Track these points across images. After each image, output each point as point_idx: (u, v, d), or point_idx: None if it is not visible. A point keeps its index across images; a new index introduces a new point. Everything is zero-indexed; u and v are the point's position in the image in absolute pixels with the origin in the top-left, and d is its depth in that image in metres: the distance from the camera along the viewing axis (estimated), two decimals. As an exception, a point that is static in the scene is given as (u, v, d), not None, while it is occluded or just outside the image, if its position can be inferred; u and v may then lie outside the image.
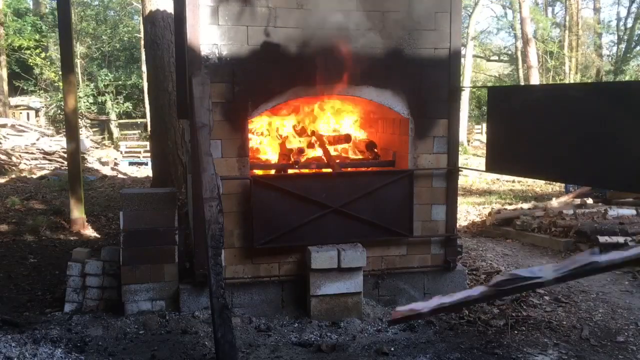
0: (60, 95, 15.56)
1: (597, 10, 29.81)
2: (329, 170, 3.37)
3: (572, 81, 27.32)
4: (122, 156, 15.40)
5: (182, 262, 3.22)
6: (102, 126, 20.26)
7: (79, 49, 19.21)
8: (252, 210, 3.08)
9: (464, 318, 3.04)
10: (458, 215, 3.55)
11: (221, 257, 2.38)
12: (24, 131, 13.36)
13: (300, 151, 3.54)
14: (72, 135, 5.62)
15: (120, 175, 12.29)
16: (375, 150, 3.71)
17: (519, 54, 27.33)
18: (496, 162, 3.27)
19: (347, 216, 3.19)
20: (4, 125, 13.23)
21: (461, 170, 3.44)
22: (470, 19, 23.12)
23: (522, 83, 26.75)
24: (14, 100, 19.75)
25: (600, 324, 2.96)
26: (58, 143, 12.50)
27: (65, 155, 8.00)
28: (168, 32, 5.95)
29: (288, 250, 3.20)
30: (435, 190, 3.37)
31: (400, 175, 3.31)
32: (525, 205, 6.60)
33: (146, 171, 12.34)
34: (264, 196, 3.09)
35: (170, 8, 5.78)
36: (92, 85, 20.36)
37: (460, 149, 3.83)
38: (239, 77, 3.06)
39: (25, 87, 20.64)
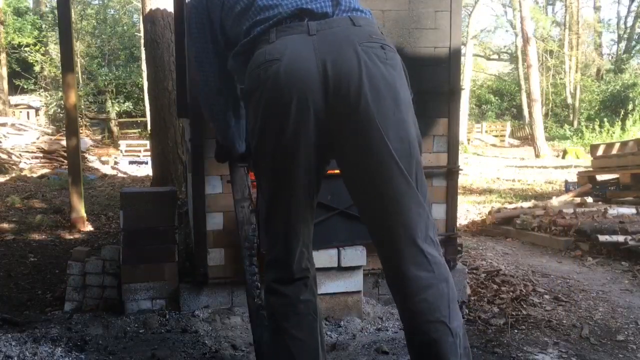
0: (61, 94, 15.57)
1: (597, 9, 29.81)
2: (336, 171, 3.33)
3: (572, 80, 27.34)
4: (122, 155, 15.43)
5: (182, 261, 3.21)
6: (102, 125, 20.29)
7: (79, 47, 19.21)
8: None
9: (464, 317, 3.04)
10: (458, 214, 3.55)
11: (255, 257, 2.35)
12: (24, 130, 13.37)
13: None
14: (73, 131, 5.59)
15: (120, 174, 12.32)
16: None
17: (519, 52, 27.36)
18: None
19: (351, 217, 3.16)
20: (4, 124, 13.23)
21: (461, 170, 3.43)
22: (470, 17, 23.10)
23: (522, 82, 26.78)
24: (14, 99, 19.76)
25: (600, 323, 2.96)
26: (58, 142, 12.52)
27: (66, 154, 8.00)
28: (168, 31, 5.95)
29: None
30: (435, 189, 3.36)
31: (401, 175, 3.27)
32: (526, 204, 6.60)
33: (146, 170, 12.36)
34: (264, 196, 3.08)
35: (170, 7, 5.77)
36: (92, 84, 20.37)
37: (460, 147, 3.83)
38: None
39: (25, 86, 20.65)
